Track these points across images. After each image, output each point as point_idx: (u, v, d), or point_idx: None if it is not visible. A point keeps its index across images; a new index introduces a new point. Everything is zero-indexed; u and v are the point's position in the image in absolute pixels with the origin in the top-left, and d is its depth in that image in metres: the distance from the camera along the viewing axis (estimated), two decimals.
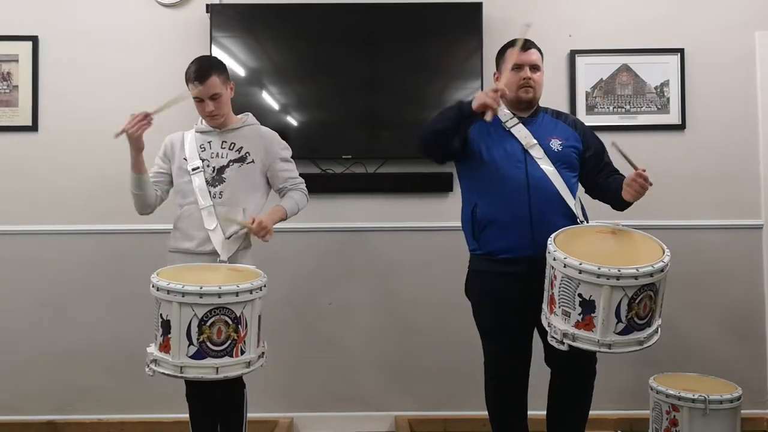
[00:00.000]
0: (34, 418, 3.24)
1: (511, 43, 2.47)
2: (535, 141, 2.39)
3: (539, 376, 2.51)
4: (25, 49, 3.27)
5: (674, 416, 2.77)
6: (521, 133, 2.42)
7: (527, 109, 2.48)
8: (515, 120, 2.45)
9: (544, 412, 2.53)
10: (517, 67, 2.42)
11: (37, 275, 3.27)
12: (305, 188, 2.66)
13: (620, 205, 2.43)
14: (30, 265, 3.27)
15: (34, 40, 3.28)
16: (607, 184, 2.46)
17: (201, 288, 2.00)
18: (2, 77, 3.28)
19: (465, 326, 2.68)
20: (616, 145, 2.21)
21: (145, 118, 2.38)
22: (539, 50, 2.48)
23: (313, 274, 3.31)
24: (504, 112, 2.47)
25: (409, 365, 3.32)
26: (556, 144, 2.41)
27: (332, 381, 3.32)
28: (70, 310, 3.27)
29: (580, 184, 2.50)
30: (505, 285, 2.37)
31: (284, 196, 2.61)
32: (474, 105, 2.21)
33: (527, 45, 2.44)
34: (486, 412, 2.55)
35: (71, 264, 3.27)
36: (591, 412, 2.51)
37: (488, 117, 2.17)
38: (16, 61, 3.28)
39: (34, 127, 3.28)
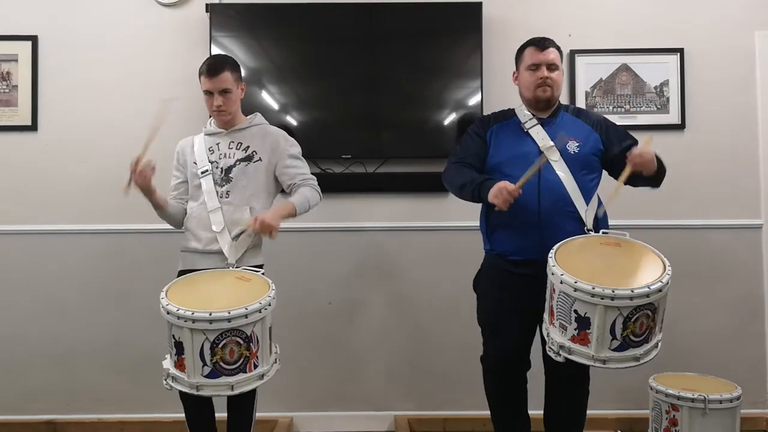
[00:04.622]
0: (34, 418, 3.24)
1: (530, 42, 2.47)
2: (552, 143, 2.38)
3: (540, 377, 2.52)
4: (24, 48, 3.27)
5: (674, 416, 2.77)
6: (539, 134, 2.41)
7: (546, 108, 2.47)
8: (534, 121, 2.44)
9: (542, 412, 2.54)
10: (535, 66, 2.43)
11: (37, 275, 3.27)
12: (317, 185, 2.57)
13: (652, 181, 2.41)
14: (30, 265, 3.27)
15: (33, 39, 3.27)
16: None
17: (210, 314, 2.00)
18: (2, 77, 3.28)
19: (465, 326, 2.68)
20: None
21: (139, 165, 2.33)
22: (558, 49, 2.47)
23: (313, 273, 3.31)
24: (524, 113, 2.48)
25: (408, 365, 3.32)
26: (573, 146, 2.40)
27: (332, 380, 3.32)
28: (70, 310, 3.27)
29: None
30: (513, 284, 2.38)
31: (293, 192, 2.53)
32: (489, 197, 2.24)
33: (545, 44, 2.44)
34: (486, 412, 2.55)
35: (71, 264, 3.27)
36: (591, 412, 2.52)
37: (495, 209, 2.24)
38: (16, 60, 3.28)
39: (33, 127, 3.28)
